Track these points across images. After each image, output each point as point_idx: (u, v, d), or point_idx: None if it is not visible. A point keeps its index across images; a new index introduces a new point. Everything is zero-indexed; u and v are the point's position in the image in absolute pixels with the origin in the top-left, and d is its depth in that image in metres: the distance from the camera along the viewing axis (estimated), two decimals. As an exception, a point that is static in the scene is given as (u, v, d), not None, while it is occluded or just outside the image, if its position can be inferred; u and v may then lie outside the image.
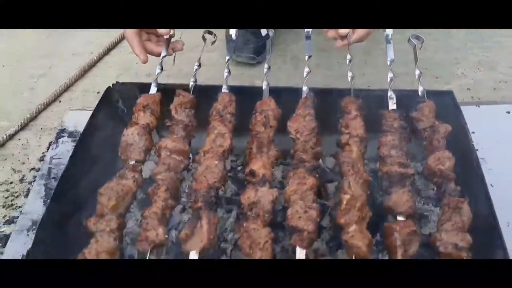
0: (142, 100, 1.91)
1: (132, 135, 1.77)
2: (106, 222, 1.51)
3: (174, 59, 2.14)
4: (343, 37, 1.93)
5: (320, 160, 1.79)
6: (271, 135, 1.72)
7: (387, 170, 1.57)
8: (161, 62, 2.02)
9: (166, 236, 1.48)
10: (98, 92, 2.78)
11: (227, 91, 1.94)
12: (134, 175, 1.66)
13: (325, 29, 1.97)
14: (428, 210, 1.91)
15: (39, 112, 2.68)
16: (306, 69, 1.89)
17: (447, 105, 1.83)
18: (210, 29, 2.07)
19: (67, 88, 2.84)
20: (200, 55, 2.03)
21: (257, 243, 1.41)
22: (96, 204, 1.60)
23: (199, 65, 2.03)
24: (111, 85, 2.12)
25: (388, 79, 1.88)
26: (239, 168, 2.16)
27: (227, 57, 2.07)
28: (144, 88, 2.02)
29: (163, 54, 2.02)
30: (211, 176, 1.61)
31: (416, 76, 1.89)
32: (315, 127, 1.69)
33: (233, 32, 2.09)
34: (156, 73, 2.01)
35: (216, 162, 1.64)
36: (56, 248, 1.60)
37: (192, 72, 2.01)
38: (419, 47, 1.97)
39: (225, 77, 1.99)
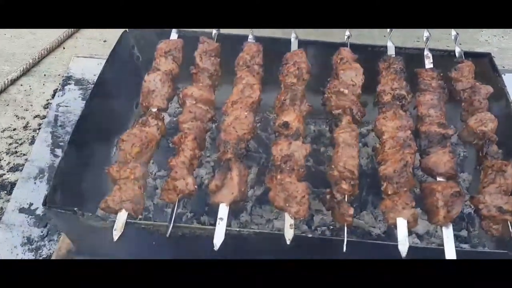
0: (164, 46, 1.79)
1: (154, 81, 1.66)
2: (130, 170, 1.41)
3: None
4: None
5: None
6: (304, 88, 1.63)
7: (425, 129, 1.50)
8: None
9: (196, 186, 1.40)
10: (104, 41, 2.64)
11: (253, 40, 1.84)
12: (157, 122, 1.56)
13: None
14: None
15: (42, 57, 2.53)
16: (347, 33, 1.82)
17: (484, 67, 1.76)
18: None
19: (71, 34, 2.68)
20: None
21: (294, 197, 1.34)
22: (116, 151, 1.51)
23: (222, 13, 1.91)
24: (126, 30, 1.98)
25: (424, 38, 1.80)
26: (257, 124, 2.07)
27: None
28: (162, 34, 1.90)
29: None
30: (240, 127, 1.52)
31: (453, 37, 1.82)
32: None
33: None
34: (177, 19, 1.88)
35: (246, 113, 1.55)
36: (73, 195, 1.50)
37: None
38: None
39: (250, 26, 1.88)
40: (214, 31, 1.87)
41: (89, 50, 2.58)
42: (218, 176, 1.40)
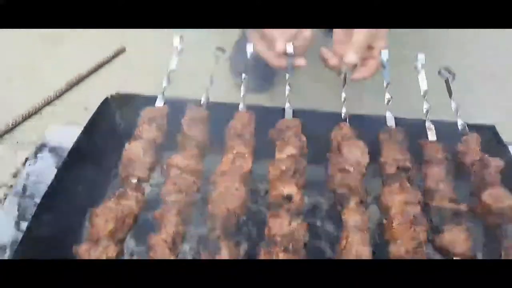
0: (147, 113, 1.67)
1: (135, 150, 1.51)
2: (102, 249, 1.22)
3: None
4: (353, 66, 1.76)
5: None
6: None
7: (436, 205, 1.36)
8: (168, 73, 1.81)
9: (179, 269, 1.20)
10: (86, 108, 2.51)
11: (245, 109, 1.73)
12: (136, 195, 1.39)
13: (326, 57, 1.80)
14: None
15: (16, 124, 2.38)
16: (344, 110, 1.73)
17: (489, 140, 1.67)
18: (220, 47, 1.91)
19: (50, 101, 2.56)
20: (211, 71, 1.83)
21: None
22: (88, 228, 1.32)
23: (211, 81, 1.83)
24: (109, 96, 1.87)
25: (424, 110, 1.72)
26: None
27: (244, 76, 1.86)
28: (147, 101, 1.79)
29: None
30: (230, 201, 1.36)
31: (453, 109, 1.74)
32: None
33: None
34: (163, 86, 1.79)
35: (237, 185, 1.40)
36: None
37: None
38: (451, 81, 1.83)
39: (242, 95, 1.79)
40: (203, 99, 1.77)
41: (69, 117, 2.44)
42: (205, 257, 1.21)
